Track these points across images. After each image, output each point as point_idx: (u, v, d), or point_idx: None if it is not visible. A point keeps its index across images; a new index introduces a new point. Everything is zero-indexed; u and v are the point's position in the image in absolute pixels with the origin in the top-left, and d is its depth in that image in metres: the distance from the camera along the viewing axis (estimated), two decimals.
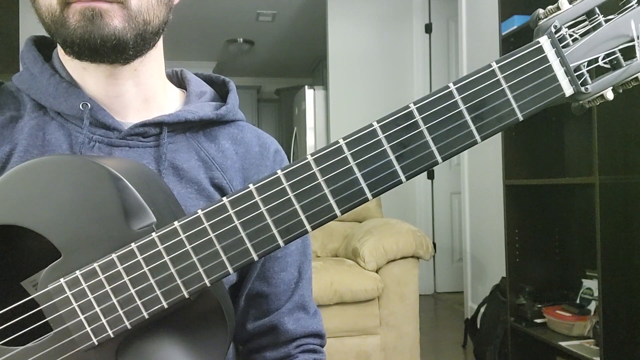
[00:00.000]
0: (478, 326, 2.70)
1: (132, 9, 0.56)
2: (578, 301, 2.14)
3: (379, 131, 0.44)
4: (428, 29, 4.15)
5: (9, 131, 0.60)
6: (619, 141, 1.80)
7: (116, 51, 0.57)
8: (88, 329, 0.46)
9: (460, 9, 3.41)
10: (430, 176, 4.05)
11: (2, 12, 3.67)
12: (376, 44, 4.21)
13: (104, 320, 0.46)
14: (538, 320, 2.17)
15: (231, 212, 0.45)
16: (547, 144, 2.34)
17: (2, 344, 0.47)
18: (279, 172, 0.45)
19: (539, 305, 2.18)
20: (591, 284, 2.10)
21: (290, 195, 0.45)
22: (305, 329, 0.70)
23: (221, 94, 0.75)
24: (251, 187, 0.45)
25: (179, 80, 0.74)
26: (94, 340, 0.46)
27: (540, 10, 0.44)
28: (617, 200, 1.78)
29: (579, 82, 0.44)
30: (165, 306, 0.46)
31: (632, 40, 0.43)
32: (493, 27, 2.55)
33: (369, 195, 0.44)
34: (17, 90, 0.64)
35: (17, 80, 0.64)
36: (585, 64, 0.44)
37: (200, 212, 0.45)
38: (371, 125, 0.44)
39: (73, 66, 0.63)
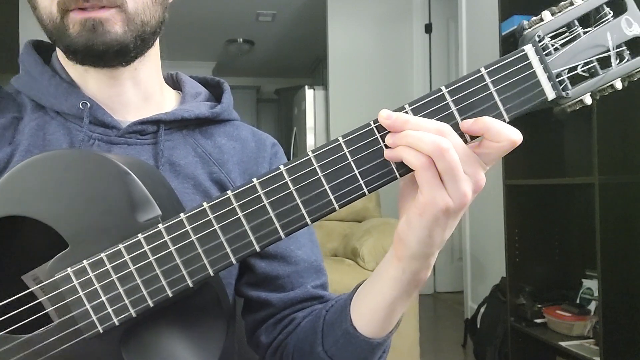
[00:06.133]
0: (478, 326, 2.71)
1: (130, 12, 0.58)
2: (578, 301, 2.14)
3: (376, 130, 0.46)
4: (428, 29, 4.16)
5: (11, 132, 0.61)
6: (619, 141, 1.81)
7: (119, 55, 0.60)
8: (94, 317, 0.47)
9: (460, 9, 3.42)
10: None
11: (2, 13, 3.68)
12: (376, 44, 4.21)
13: (109, 309, 0.47)
14: (538, 320, 2.17)
15: (235, 204, 0.46)
16: (547, 144, 2.34)
17: (6, 333, 0.47)
18: (282, 168, 0.46)
19: (539, 305, 2.19)
20: (591, 284, 2.11)
21: (292, 189, 0.46)
22: (324, 286, 0.72)
23: (216, 96, 0.76)
24: (255, 181, 0.46)
25: (174, 83, 0.76)
26: (99, 328, 0.47)
27: (525, 22, 0.48)
28: (617, 200, 1.79)
29: (560, 88, 0.47)
30: (170, 295, 0.47)
31: (608, 50, 0.47)
32: (493, 27, 2.55)
33: (365, 190, 0.47)
34: (16, 92, 0.65)
35: (17, 82, 0.65)
36: (566, 71, 0.47)
37: (205, 205, 0.46)
38: (369, 124, 0.46)
39: (74, 68, 0.64)
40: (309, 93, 4.45)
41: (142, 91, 0.66)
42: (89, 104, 0.62)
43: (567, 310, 2.07)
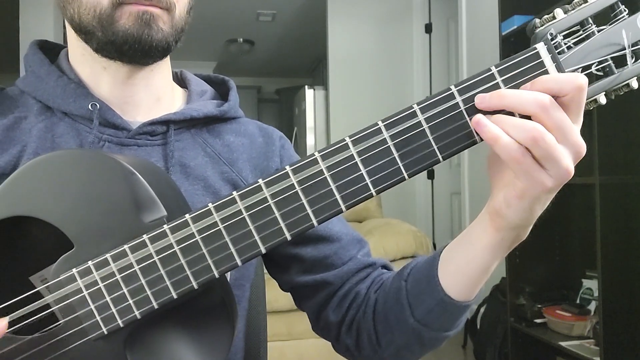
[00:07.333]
0: (478, 326, 2.71)
1: (175, 17, 0.61)
2: (578, 301, 2.14)
3: (384, 130, 0.45)
4: (428, 29, 4.15)
5: (15, 132, 0.61)
6: (619, 141, 1.81)
7: (162, 54, 0.62)
8: (98, 318, 0.47)
9: (460, 9, 3.41)
10: (430, 176, 4.06)
11: (2, 12, 3.67)
12: (376, 44, 4.21)
13: (113, 310, 0.47)
14: (538, 321, 2.17)
15: (240, 205, 0.46)
16: None
17: (11, 333, 0.47)
18: (288, 168, 0.46)
19: (539, 306, 2.19)
20: (591, 284, 2.11)
21: (298, 189, 0.46)
22: (369, 253, 0.74)
23: (220, 93, 0.77)
24: (260, 181, 0.46)
25: (178, 80, 0.76)
26: (104, 329, 0.47)
27: (537, 20, 0.47)
28: (617, 200, 1.79)
29: None
30: (175, 296, 0.47)
31: (624, 49, 0.46)
32: (493, 27, 2.55)
33: (373, 191, 0.46)
34: (20, 93, 0.65)
35: (22, 83, 0.65)
36: (580, 70, 0.46)
37: (210, 205, 0.46)
38: (376, 124, 0.46)
39: (89, 66, 0.64)
40: (309, 93, 4.45)
41: (154, 93, 0.67)
42: (98, 105, 0.61)
43: (567, 310, 2.07)
